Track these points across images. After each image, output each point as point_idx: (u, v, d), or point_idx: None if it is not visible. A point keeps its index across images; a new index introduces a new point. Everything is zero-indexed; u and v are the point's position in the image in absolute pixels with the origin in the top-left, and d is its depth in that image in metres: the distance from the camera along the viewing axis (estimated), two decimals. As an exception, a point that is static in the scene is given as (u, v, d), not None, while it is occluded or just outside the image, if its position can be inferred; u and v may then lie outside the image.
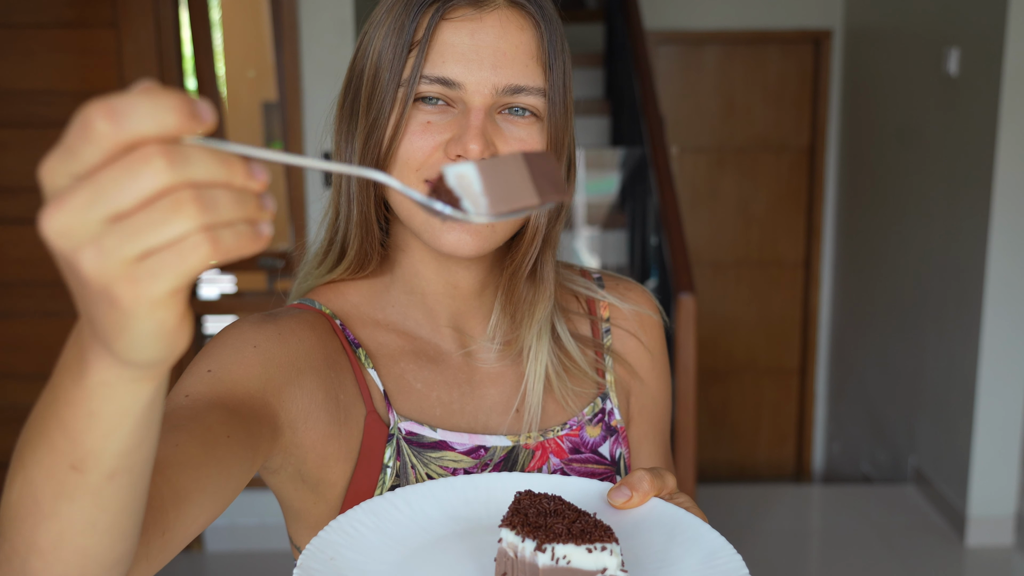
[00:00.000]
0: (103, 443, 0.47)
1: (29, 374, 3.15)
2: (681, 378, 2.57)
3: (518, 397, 0.88)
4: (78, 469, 0.47)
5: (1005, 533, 3.39)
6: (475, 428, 0.87)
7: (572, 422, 0.89)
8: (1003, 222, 3.25)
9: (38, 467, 0.49)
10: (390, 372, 0.86)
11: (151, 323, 0.41)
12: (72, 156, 0.39)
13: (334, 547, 0.67)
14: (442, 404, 0.86)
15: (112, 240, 0.39)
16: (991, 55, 3.24)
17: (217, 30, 5.95)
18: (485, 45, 0.78)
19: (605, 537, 0.62)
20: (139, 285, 0.40)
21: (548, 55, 0.81)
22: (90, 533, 0.50)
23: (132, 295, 0.40)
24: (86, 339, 0.45)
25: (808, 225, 4.95)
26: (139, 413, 0.47)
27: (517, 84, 0.79)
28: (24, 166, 3.06)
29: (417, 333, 0.88)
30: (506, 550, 0.64)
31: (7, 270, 3.09)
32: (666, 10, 4.65)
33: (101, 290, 0.40)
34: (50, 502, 0.49)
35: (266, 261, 3.41)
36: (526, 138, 0.80)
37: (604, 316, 0.96)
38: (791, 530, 3.67)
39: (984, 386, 3.35)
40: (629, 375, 0.95)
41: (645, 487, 0.74)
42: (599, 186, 3.85)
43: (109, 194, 0.38)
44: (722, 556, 0.67)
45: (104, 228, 0.39)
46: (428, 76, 0.78)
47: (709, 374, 4.91)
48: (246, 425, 0.70)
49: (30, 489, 0.49)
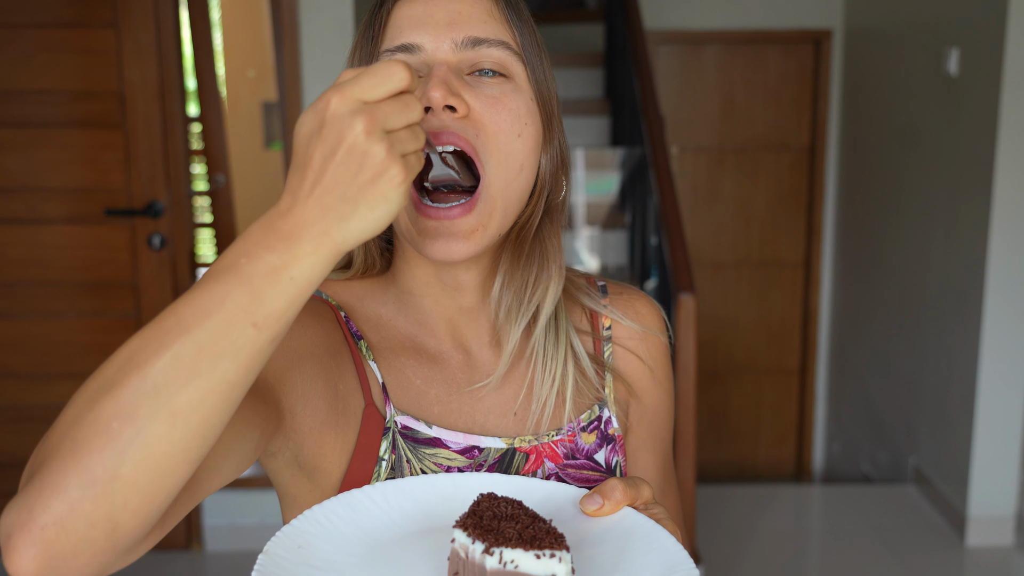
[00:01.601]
0: (287, 307, 0.58)
1: (29, 374, 3.15)
2: (681, 378, 2.57)
3: (518, 400, 0.88)
4: (259, 327, 0.57)
5: (1005, 533, 3.39)
6: (472, 428, 0.86)
7: (568, 428, 0.88)
8: (1003, 222, 3.25)
9: (209, 330, 0.56)
10: (391, 366, 0.85)
11: (393, 178, 0.58)
12: (371, 71, 0.59)
13: (304, 535, 0.68)
14: (440, 402, 0.86)
15: (380, 112, 0.57)
16: (991, 55, 3.24)
17: (217, 30, 5.95)
18: (439, 7, 0.79)
19: (555, 544, 0.63)
20: (394, 146, 0.58)
21: (508, 13, 0.81)
22: (222, 403, 0.57)
23: (389, 152, 0.57)
24: (305, 227, 0.57)
25: (808, 225, 4.95)
26: (315, 286, 0.59)
27: (475, 35, 0.79)
28: (24, 166, 3.06)
29: (417, 332, 0.88)
30: (458, 551, 0.65)
31: (7, 270, 3.09)
32: (666, 10, 4.65)
33: (364, 145, 0.57)
34: (210, 360, 0.56)
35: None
36: (499, 95, 0.79)
37: (605, 324, 0.94)
38: (791, 530, 3.67)
39: (984, 386, 3.35)
40: (628, 393, 0.94)
41: (617, 496, 0.74)
42: (599, 186, 3.85)
43: (374, 89, 0.57)
44: (680, 571, 0.67)
45: (377, 104, 0.58)
46: (388, 48, 0.80)
47: (709, 374, 4.91)
48: (253, 403, 0.71)
49: (192, 349, 0.56)
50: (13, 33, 2.98)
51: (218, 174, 3.71)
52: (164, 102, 3.03)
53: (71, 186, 3.06)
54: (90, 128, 3.04)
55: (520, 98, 0.80)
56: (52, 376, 3.15)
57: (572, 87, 4.41)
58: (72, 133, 3.04)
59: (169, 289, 3.11)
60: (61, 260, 3.10)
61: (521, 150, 0.80)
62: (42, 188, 3.07)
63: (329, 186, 0.57)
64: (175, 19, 3.03)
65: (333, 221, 0.57)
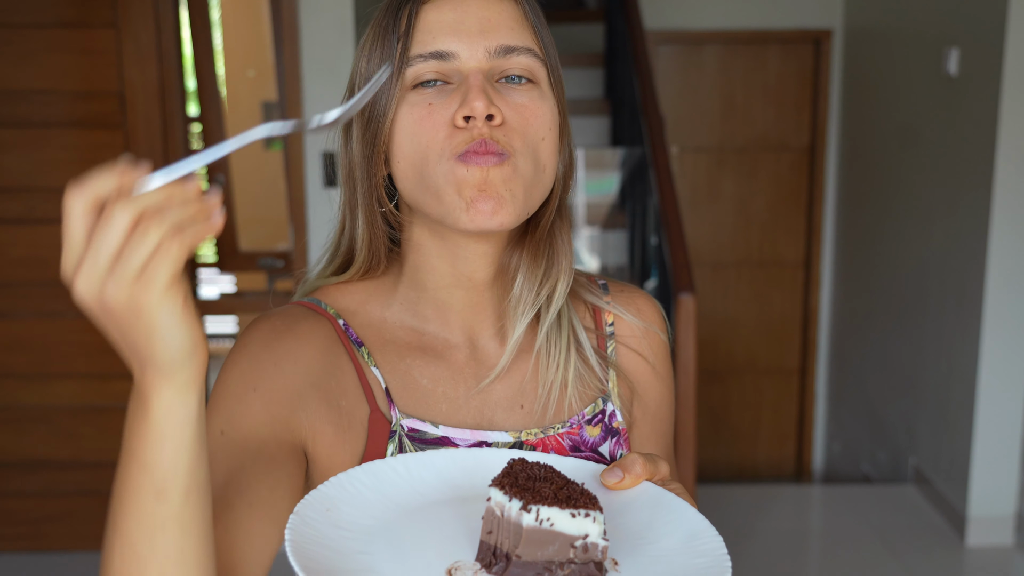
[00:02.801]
0: (174, 461, 0.60)
1: (29, 374, 3.15)
2: (681, 378, 2.57)
3: (524, 391, 0.89)
4: (160, 496, 0.60)
5: (1005, 533, 3.39)
6: (480, 424, 0.87)
7: (572, 420, 0.90)
8: (1003, 222, 3.25)
9: (128, 515, 0.61)
10: (395, 368, 0.86)
11: (167, 314, 0.56)
12: (68, 243, 0.56)
13: (332, 500, 0.70)
14: (448, 400, 0.87)
15: (117, 271, 0.55)
16: (991, 55, 3.24)
17: (217, 30, 5.95)
18: (470, 14, 0.80)
19: (590, 505, 0.65)
20: (148, 287, 0.55)
21: (533, 19, 0.83)
22: (182, 566, 0.62)
23: (146, 296, 0.55)
24: (141, 380, 0.59)
25: (808, 225, 4.95)
26: (194, 423, 0.61)
27: (508, 44, 0.80)
28: (24, 166, 3.06)
29: (425, 329, 0.89)
30: (493, 508, 0.66)
31: (7, 270, 3.09)
32: (666, 10, 4.65)
33: (127, 309, 0.56)
34: (146, 542, 0.61)
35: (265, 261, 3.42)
36: (527, 103, 0.81)
37: (608, 321, 0.96)
38: (791, 530, 3.67)
39: (984, 386, 3.35)
40: (630, 390, 0.95)
41: (638, 470, 0.76)
42: (599, 186, 3.85)
43: (100, 249, 0.55)
44: (704, 537, 0.69)
45: (109, 269, 0.55)
46: (421, 54, 0.80)
47: (709, 374, 4.91)
48: (274, 468, 0.77)
49: (127, 540, 0.61)
50: (13, 33, 2.98)
51: (218, 174, 3.71)
52: (164, 102, 3.03)
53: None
54: (90, 128, 3.04)
55: (545, 103, 0.82)
56: (52, 376, 3.15)
57: (572, 87, 4.40)
58: (72, 133, 3.04)
59: (169, 289, 3.11)
60: (61, 260, 3.09)
61: (545, 151, 0.82)
62: (42, 188, 3.07)
63: (124, 336, 0.58)
64: (175, 19, 3.03)
65: (144, 354, 0.58)
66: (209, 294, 3.35)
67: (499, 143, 0.78)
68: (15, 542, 3.22)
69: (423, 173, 0.80)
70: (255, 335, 0.84)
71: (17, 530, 3.22)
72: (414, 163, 0.80)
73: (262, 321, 0.85)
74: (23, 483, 3.20)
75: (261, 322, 0.85)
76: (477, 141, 0.78)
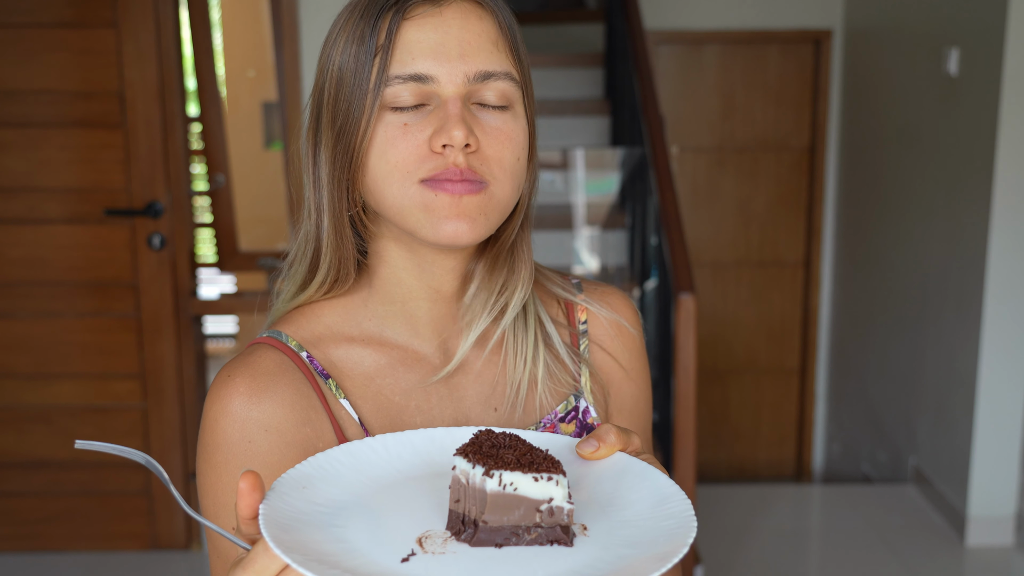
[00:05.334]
0: None
1: (29, 374, 3.15)
2: (681, 378, 2.57)
3: (495, 391, 0.89)
4: None
5: (1005, 533, 3.39)
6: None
7: (546, 420, 0.90)
8: (1003, 222, 3.25)
9: None
10: (366, 393, 0.86)
11: None
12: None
13: (308, 479, 0.71)
14: (421, 412, 0.87)
15: None
16: (991, 55, 3.24)
17: (217, 30, 5.95)
18: (450, 37, 0.79)
19: (552, 469, 0.66)
20: None
21: (511, 40, 0.83)
22: None
23: None
24: None
25: (808, 225, 4.96)
26: None
27: (486, 70, 0.80)
28: (24, 166, 3.06)
29: (396, 341, 0.89)
30: (459, 477, 0.67)
31: (7, 270, 3.09)
32: (666, 10, 4.65)
33: None
34: None
35: (265, 261, 3.42)
36: (501, 126, 0.81)
37: (581, 319, 0.96)
38: (791, 530, 3.67)
39: (984, 386, 3.35)
40: (602, 390, 0.95)
41: (611, 439, 0.76)
42: (599, 186, 3.85)
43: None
44: (673, 501, 0.70)
45: None
46: (400, 75, 0.79)
47: (709, 374, 4.91)
48: None
49: None
50: (13, 33, 2.98)
51: (218, 174, 3.71)
52: (164, 102, 3.03)
53: (71, 186, 3.07)
54: (90, 128, 3.04)
55: (518, 125, 0.82)
56: (52, 376, 3.15)
57: (572, 87, 4.41)
58: (72, 133, 3.04)
59: (169, 289, 3.11)
60: (61, 260, 3.10)
61: (520, 172, 0.83)
62: (42, 188, 3.07)
63: None
64: (175, 19, 3.03)
65: None
66: (209, 294, 3.35)
67: (476, 171, 0.79)
68: (15, 542, 3.22)
69: (386, 192, 0.80)
70: (221, 413, 0.82)
71: (17, 530, 3.22)
72: (377, 180, 0.81)
73: (225, 389, 0.83)
74: (23, 483, 3.21)
75: (225, 392, 0.83)
76: (450, 169, 0.78)
